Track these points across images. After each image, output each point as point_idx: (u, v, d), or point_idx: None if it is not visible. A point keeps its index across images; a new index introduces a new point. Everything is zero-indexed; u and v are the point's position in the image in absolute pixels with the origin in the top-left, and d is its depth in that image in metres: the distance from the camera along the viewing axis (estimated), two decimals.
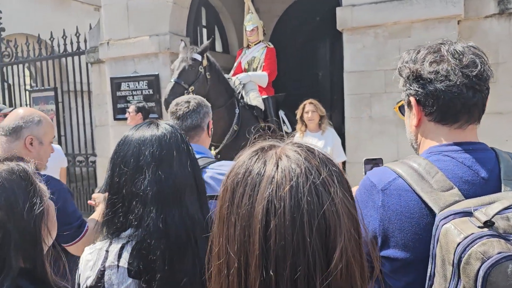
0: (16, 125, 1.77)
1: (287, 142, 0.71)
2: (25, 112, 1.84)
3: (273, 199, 0.62)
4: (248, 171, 0.66)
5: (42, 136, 1.82)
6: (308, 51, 7.89)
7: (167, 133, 1.20)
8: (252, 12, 5.23)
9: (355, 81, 4.64)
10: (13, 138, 1.77)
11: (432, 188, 1.00)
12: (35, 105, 7.12)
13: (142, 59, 5.75)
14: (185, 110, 1.96)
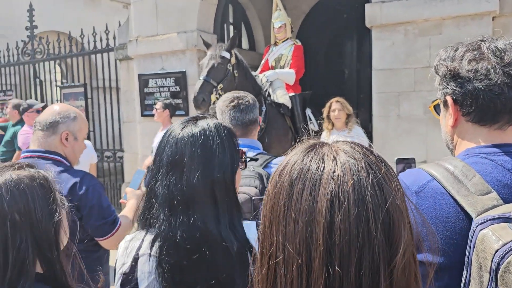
0: (53, 120, 1.81)
1: (338, 140, 0.72)
2: (62, 108, 1.87)
3: (337, 193, 0.62)
4: (306, 167, 0.66)
5: (77, 132, 1.85)
6: (334, 48, 7.82)
7: (189, 135, 1.14)
8: (280, 9, 5.21)
9: (384, 79, 4.57)
10: (50, 132, 1.80)
11: (469, 192, 0.97)
12: (66, 101, 7.29)
13: (170, 56, 5.81)
14: (247, 104, 1.97)
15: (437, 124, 4.03)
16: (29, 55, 7.90)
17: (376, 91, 4.65)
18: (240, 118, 1.94)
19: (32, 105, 4.89)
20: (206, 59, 4.11)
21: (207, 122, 1.19)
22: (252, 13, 7.80)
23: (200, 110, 4.00)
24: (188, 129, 1.16)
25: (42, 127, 1.80)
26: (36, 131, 1.82)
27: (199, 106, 3.91)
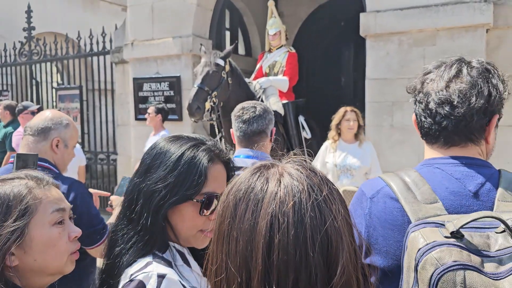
0: (45, 126, 1.78)
1: (288, 161, 0.73)
2: (54, 114, 1.85)
3: (277, 214, 0.64)
4: (251, 187, 0.68)
5: (68, 140, 1.83)
6: (331, 56, 7.83)
7: (160, 145, 1.08)
8: (275, 16, 5.21)
9: (377, 88, 4.57)
10: (41, 138, 1.78)
11: (416, 200, 1.02)
12: (61, 102, 7.28)
13: (165, 61, 5.81)
14: (252, 114, 1.98)
15: None
16: (26, 56, 7.89)
17: (369, 100, 4.65)
18: (243, 129, 1.97)
19: (28, 107, 4.87)
20: (200, 66, 4.11)
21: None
22: (249, 19, 7.81)
23: (194, 118, 3.99)
24: (166, 141, 1.11)
25: (33, 132, 1.78)
26: (26, 135, 1.79)
27: (194, 114, 3.91)
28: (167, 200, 0.98)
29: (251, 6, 7.70)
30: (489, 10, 4.00)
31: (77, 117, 6.94)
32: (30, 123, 1.82)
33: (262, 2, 8.14)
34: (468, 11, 4.05)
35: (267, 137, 2.02)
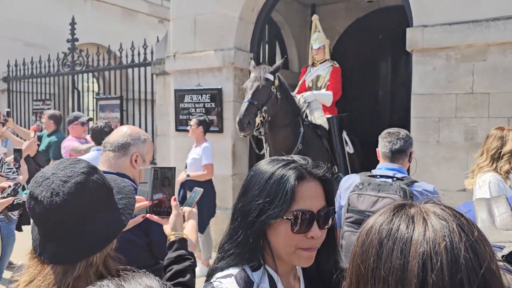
0: (125, 142, 1.81)
1: (426, 201, 0.73)
2: (132, 130, 1.89)
3: (429, 254, 0.63)
4: (396, 226, 0.68)
5: (146, 154, 1.86)
6: (369, 70, 7.76)
7: (256, 167, 1.17)
8: (319, 31, 5.21)
9: (423, 104, 4.49)
10: (121, 154, 1.81)
11: (493, 225, 1.01)
12: (101, 112, 7.46)
13: (206, 73, 5.88)
14: (397, 136, 2.51)
15: None
16: (69, 66, 8.14)
17: (414, 116, 4.57)
18: (389, 147, 2.49)
19: (78, 117, 5.01)
20: (250, 81, 4.11)
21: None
22: (286, 32, 7.86)
23: (245, 132, 3.97)
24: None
25: (113, 148, 1.81)
26: (106, 151, 1.82)
27: (244, 129, 3.89)
28: (258, 218, 1.03)
29: (289, 20, 7.75)
30: None
31: (117, 127, 7.08)
32: (109, 139, 1.85)
33: (300, 16, 8.19)
34: None
35: (406, 157, 2.53)
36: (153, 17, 12.24)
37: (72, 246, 1.02)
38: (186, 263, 1.41)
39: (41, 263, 1.04)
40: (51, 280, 1.01)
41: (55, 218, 1.01)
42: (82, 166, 1.07)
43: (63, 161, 1.10)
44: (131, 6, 11.84)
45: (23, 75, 8.95)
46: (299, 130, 4.37)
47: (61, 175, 1.03)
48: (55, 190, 1.01)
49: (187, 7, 6.02)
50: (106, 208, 1.07)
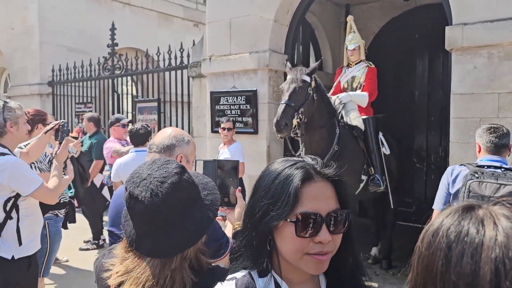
0: (170, 143, 1.86)
1: (494, 202, 0.71)
2: (176, 132, 1.93)
3: (502, 260, 0.62)
4: (465, 230, 0.66)
5: (189, 155, 1.91)
6: (404, 69, 7.62)
7: (266, 167, 1.13)
8: (355, 31, 5.17)
9: (463, 104, 4.38)
10: (166, 155, 1.85)
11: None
12: (140, 114, 7.67)
13: (241, 75, 5.96)
14: (502, 132, 2.85)
15: None
16: (109, 70, 8.43)
17: (454, 116, 4.47)
18: (495, 142, 2.81)
19: (119, 119, 5.20)
20: (286, 83, 4.13)
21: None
22: (320, 33, 7.83)
23: (282, 134, 3.99)
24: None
25: (159, 150, 1.86)
26: (151, 153, 1.88)
27: (281, 131, 3.90)
28: (262, 220, 0.99)
29: (323, 21, 7.73)
30: None
31: (155, 129, 7.27)
32: (155, 141, 1.90)
33: (334, 17, 8.15)
34: None
35: (507, 150, 2.86)
36: (188, 21, 12.48)
37: (169, 241, 1.09)
38: None
39: (138, 257, 1.12)
40: (150, 272, 1.08)
41: (154, 216, 1.08)
42: (174, 166, 1.14)
43: (155, 161, 1.17)
44: (167, 10, 12.12)
45: (66, 79, 9.33)
46: (334, 131, 4.36)
47: (157, 176, 1.10)
48: (154, 190, 1.08)
49: (223, 10, 6.11)
50: (196, 204, 1.14)
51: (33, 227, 2.78)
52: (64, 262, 5.44)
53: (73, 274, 5.16)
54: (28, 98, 9.70)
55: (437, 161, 7.11)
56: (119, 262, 1.15)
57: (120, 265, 1.14)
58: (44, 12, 9.86)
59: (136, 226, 1.12)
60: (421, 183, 7.38)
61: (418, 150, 7.41)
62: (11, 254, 2.62)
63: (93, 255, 5.67)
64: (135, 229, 1.12)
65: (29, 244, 2.73)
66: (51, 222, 3.53)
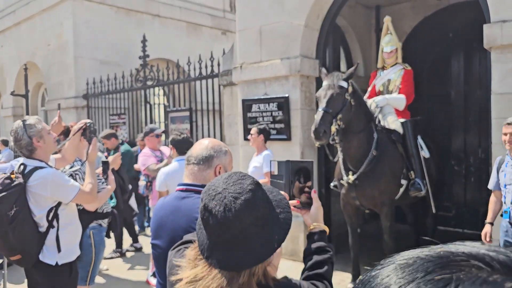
0: (209, 154, 1.86)
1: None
2: (213, 143, 1.93)
3: None
4: None
5: (228, 166, 1.91)
6: (439, 69, 7.43)
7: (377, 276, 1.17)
8: (391, 33, 5.07)
9: (505, 103, 4.23)
10: (205, 166, 1.85)
11: None
12: (172, 123, 7.77)
13: (273, 82, 5.94)
14: None
15: None
16: (141, 81, 8.59)
17: (495, 117, 4.31)
18: None
19: (153, 130, 5.29)
20: (323, 89, 4.09)
21: None
22: (350, 36, 7.74)
23: (321, 142, 3.94)
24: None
25: (197, 161, 1.86)
26: (190, 165, 1.88)
27: (320, 138, 3.86)
28: None
29: (353, 24, 7.64)
30: None
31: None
32: (192, 152, 1.89)
33: (365, 19, 8.04)
34: None
35: None
36: (216, 30, 12.60)
37: (238, 256, 1.11)
38: (326, 255, 1.48)
39: (208, 266, 1.14)
40: (218, 283, 1.10)
41: (226, 230, 1.10)
42: (249, 183, 1.15)
43: (231, 176, 1.19)
44: (195, 20, 12.28)
45: (100, 92, 9.57)
46: (372, 136, 4.28)
47: (231, 191, 1.12)
48: (227, 205, 1.10)
49: (252, 18, 6.13)
50: (268, 222, 1.14)
51: (72, 235, 2.92)
52: (105, 271, 5.55)
53: (114, 282, 5.26)
54: (65, 111, 9.99)
55: (476, 163, 6.87)
56: (189, 267, 1.18)
57: (189, 271, 1.17)
58: (78, 27, 10.17)
59: (209, 237, 1.15)
60: (460, 186, 7.15)
61: (457, 152, 7.19)
62: (55, 260, 2.77)
63: (118, 263, 5.84)
64: (207, 239, 1.15)
65: (69, 251, 2.86)
66: (95, 231, 3.61)
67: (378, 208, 4.46)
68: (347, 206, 4.65)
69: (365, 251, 5.87)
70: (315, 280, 1.39)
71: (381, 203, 4.39)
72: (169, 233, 1.75)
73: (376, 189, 4.32)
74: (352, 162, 4.27)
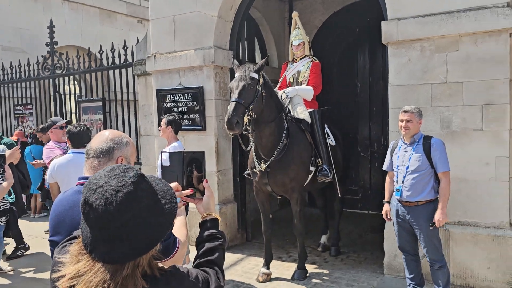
0: (109, 147, 1.78)
1: None
2: (114, 134, 1.85)
3: None
4: None
5: (130, 157, 1.85)
6: (347, 62, 7.89)
7: None
8: (299, 27, 5.28)
9: (400, 95, 4.62)
10: (106, 159, 1.78)
11: None
12: (84, 114, 7.44)
13: (187, 72, 5.92)
14: None
15: (455, 139, 4.13)
16: (49, 70, 8.08)
17: (392, 107, 4.69)
18: None
19: (56, 122, 5.01)
20: (235, 81, 4.15)
21: None
22: (265, 28, 7.93)
23: (234, 132, 4.01)
24: None
25: (97, 155, 1.78)
26: (90, 159, 1.80)
27: (234, 128, 3.92)
28: None
29: (267, 16, 7.82)
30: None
31: (100, 129, 7.09)
32: (92, 145, 1.82)
33: (278, 12, 8.27)
34: (492, 16, 4.10)
35: None
36: (132, 18, 12.18)
37: (122, 249, 1.10)
38: (217, 242, 1.52)
39: (91, 260, 1.12)
40: (101, 277, 1.09)
41: (108, 224, 1.09)
42: (132, 175, 1.14)
43: (114, 168, 1.16)
44: (109, 7, 11.75)
45: (2, 80, 8.85)
46: (283, 126, 4.47)
47: (113, 184, 1.11)
48: (108, 199, 1.08)
49: (166, 7, 6.04)
50: (153, 213, 1.14)
51: None
52: (9, 271, 5.21)
53: (20, 281, 4.96)
54: None
55: (380, 150, 7.43)
56: (72, 263, 1.16)
57: (72, 267, 1.14)
58: None
59: (91, 231, 1.13)
60: (366, 171, 7.70)
61: (363, 140, 7.72)
62: None
63: (26, 262, 5.56)
64: (90, 233, 1.14)
65: None
66: None
67: (289, 194, 4.66)
68: (260, 193, 4.82)
69: (279, 236, 6.13)
70: (205, 267, 1.43)
71: (291, 189, 4.60)
72: (68, 229, 1.61)
73: (286, 176, 4.51)
74: (264, 151, 4.43)
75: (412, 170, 3.65)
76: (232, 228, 5.93)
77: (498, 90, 4.17)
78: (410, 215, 3.70)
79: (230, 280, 4.71)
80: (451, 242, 4.39)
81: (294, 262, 5.05)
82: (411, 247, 3.85)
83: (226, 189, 5.94)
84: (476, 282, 4.30)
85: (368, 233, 6.36)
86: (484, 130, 4.23)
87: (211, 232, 1.54)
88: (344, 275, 4.78)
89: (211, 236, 1.53)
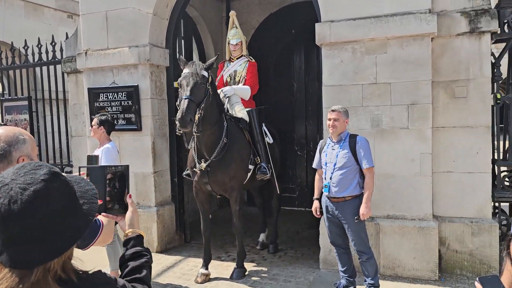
0: (4, 149, 1.58)
1: None
2: (6, 134, 1.62)
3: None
4: None
5: (31, 153, 1.65)
6: (283, 63, 8.04)
7: None
8: (237, 27, 5.30)
9: (333, 94, 4.78)
10: (5, 164, 1.56)
11: None
12: (7, 114, 6.96)
13: (121, 70, 5.73)
14: None
15: (384, 137, 4.36)
16: None
17: (326, 107, 4.83)
18: None
19: None
20: (185, 78, 4.08)
21: None
22: (202, 27, 7.87)
23: (186, 130, 3.96)
24: None
25: None
26: None
27: (186, 126, 3.87)
28: None
29: (204, 15, 7.77)
30: (433, 21, 4.33)
31: (26, 129, 6.65)
32: None
33: (216, 11, 8.24)
34: (415, 21, 4.37)
35: None
36: (61, 12, 11.54)
37: (30, 253, 1.00)
38: (143, 259, 1.44)
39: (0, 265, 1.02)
40: (8, 284, 0.99)
41: (12, 225, 0.99)
42: (43, 173, 1.04)
43: (25, 166, 1.06)
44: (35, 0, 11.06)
45: None
46: (223, 124, 4.47)
47: (20, 182, 1.01)
48: (13, 197, 0.98)
49: (98, 2, 5.80)
50: (66, 215, 1.05)
51: None
52: None
53: None
54: None
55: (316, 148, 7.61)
56: None
57: None
58: None
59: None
60: (303, 169, 7.89)
61: (299, 138, 7.90)
62: None
63: None
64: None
65: None
66: None
67: (228, 193, 4.67)
68: (199, 193, 4.77)
69: (218, 237, 6.11)
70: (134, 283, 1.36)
71: (230, 188, 4.61)
72: None
73: (226, 175, 4.51)
74: (206, 150, 4.41)
75: (339, 167, 3.80)
76: (170, 230, 5.82)
77: (421, 91, 4.45)
78: (338, 211, 3.85)
79: (167, 284, 4.62)
80: (381, 234, 4.62)
81: (233, 261, 5.06)
82: (342, 241, 4.01)
83: (164, 190, 5.82)
84: (404, 271, 4.57)
85: (305, 229, 6.52)
86: (409, 129, 4.50)
87: (136, 249, 1.46)
88: (282, 271, 4.87)
89: (136, 253, 1.46)
